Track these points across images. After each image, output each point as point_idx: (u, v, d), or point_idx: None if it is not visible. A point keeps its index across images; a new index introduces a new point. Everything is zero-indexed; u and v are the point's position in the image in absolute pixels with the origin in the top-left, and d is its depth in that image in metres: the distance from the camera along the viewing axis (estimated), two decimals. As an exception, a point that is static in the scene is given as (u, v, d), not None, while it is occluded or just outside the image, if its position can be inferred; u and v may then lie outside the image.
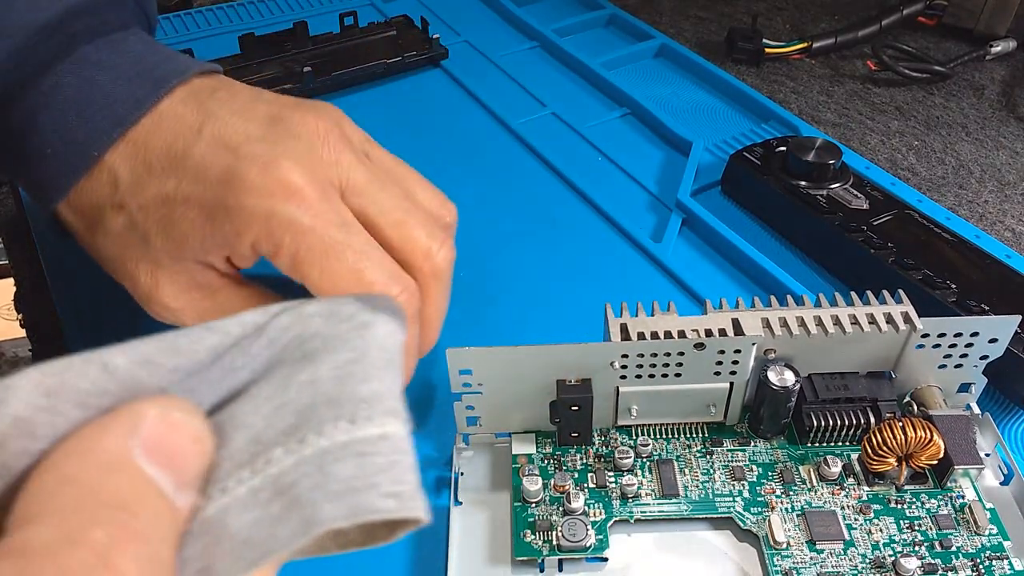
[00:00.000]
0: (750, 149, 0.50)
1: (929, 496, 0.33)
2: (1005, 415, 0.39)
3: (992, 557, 0.31)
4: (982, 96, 0.65)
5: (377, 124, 0.40)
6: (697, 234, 0.49)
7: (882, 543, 0.32)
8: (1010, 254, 0.45)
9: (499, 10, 0.72)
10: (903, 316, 0.33)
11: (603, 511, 0.33)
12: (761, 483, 0.34)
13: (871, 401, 0.35)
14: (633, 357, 0.33)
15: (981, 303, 0.39)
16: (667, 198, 0.52)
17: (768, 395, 0.34)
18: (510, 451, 0.35)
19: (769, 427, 0.35)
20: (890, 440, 0.32)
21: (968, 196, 0.54)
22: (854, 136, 0.60)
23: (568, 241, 0.49)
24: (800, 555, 0.32)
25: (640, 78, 0.64)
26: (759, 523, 0.33)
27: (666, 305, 0.34)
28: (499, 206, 0.51)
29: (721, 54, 0.69)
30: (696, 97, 0.62)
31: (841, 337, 0.33)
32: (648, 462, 0.35)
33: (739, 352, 0.33)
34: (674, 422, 0.36)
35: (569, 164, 0.54)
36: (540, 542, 0.32)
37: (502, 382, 0.33)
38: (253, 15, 0.69)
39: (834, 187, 0.47)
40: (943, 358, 0.34)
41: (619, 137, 0.57)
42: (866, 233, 0.44)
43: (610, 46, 0.67)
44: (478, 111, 0.59)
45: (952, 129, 0.61)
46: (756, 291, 0.45)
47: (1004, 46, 0.67)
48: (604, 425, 0.36)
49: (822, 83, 0.66)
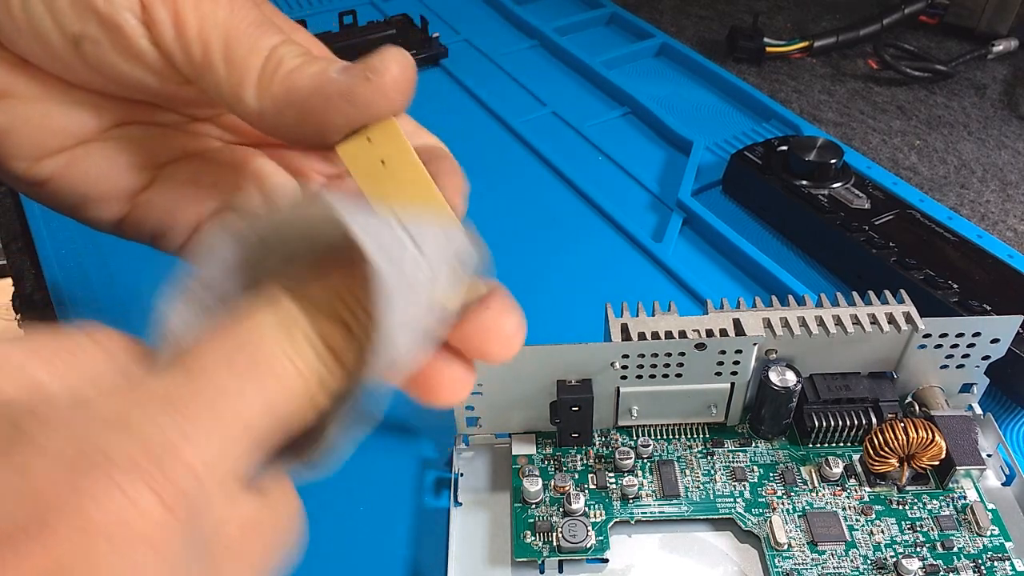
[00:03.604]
0: (751, 148, 0.50)
1: (931, 497, 0.33)
2: (1007, 415, 0.39)
3: (994, 558, 0.31)
4: (984, 95, 0.64)
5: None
6: (698, 234, 0.49)
7: (884, 544, 0.32)
8: (1012, 254, 0.45)
9: (499, 9, 0.71)
10: (905, 316, 0.33)
11: (603, 512, 0.33)
12: (762, 484, 0.34)
13: (872, 402, 0.35)
14: (634, 357, 0.33)
15: (983, 303, 0.39)
16: (668, 198, 0.51)
17: (769, 396, 0.34)
18: (510, 452, 0.35)
19: (770, 428, 0.35)
20: (892, 441, 0.32)
21: (970, 196, 0.54)
22: (855, 135, 0.60)
23: (568, 241, 0.49)
24: (801, 556, 0.31)
25: (641, 77, 0.64)
26: (760, 524, 0.32)
27: (667, 305, 0.34)
28: (499, 206, 0.51)
29: (722, 53, 0.68)
30: (697, 96, 0.62)
31: (843, 337, 0.33)
32: (649, 463, 0.35)
33: (740, 352, 0.33)
34: (675, 423, 0.36)
35: (569, 163, 0.54)
36: (540, 543, 0.32)
37: (502, 382, 0.33)
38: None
39: (835, 187, 0.47)
40: (945, 358, 0.34)
41: (620, 136, 0.57)
42: (867, 233, 0.44)
43: (611, 45, 0.67)
44: (478, 110, 0.59)
45: (954, 128, 0.61)
46: (757, 291, 0.45)
47: (1006, 45, 0.67)
48: (605, 426, 0.36)
49: (823, 82, 0.66)
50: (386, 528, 0.34)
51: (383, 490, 0.36)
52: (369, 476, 0.36)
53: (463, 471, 0.35)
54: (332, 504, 0.35)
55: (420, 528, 0.34)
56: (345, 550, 0.33)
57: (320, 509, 0.35)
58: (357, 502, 0.35)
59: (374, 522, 0.34)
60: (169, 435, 0.14)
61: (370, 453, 0.37)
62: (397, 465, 0.37)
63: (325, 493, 0.35)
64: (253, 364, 0.15)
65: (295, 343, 0.16)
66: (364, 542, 0.34)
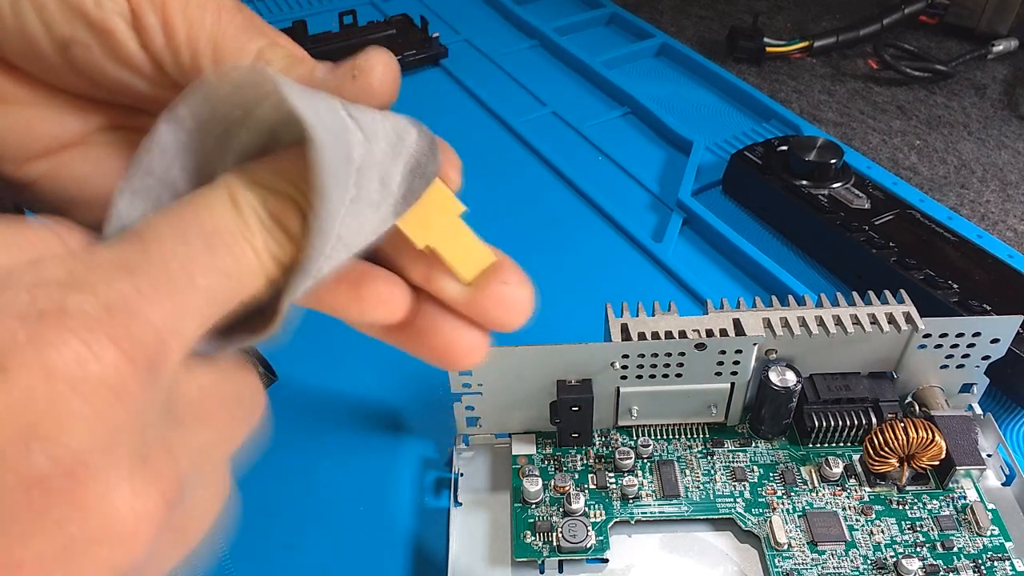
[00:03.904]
0: (751, 148, 0.50)
1: (931, 497, 0.33)
2: (1007, 415, 0.39)
3: (994, 558, 0.31)
4: (984, 95, 0.64)
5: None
6: (698, 234, 0.49)
7: (884, 544, 0.32)
8: (1012, 254, 0.45)
9: (499, 8, 0.71)
10: (905, 316, 0.33)
11: (603, 512, 0.33)
12: (762, 484, 0.34)
13: (872, 402, 0.35)
14: (634, 357, 0.33)
15: (983, 303, 0.39)
16: (668, 198, 0.51)
17: (769, 396, 0.34)
18: (510, 452, 0.35)
19: (770, 428, 0.35)
20: (892, 441, 0.32)
21: (970, 196, 0.54)
22: (855, 135, 0.60)
23: (568, 241, 0.49)
24: (801, 556, 0.31)
25: (641, 77, 0.64)
26: (760, 524, 0.32)
27: (667, 305, 0.34)
28: (499, 205, 0.51)
29: (722, 53, 0.68)
30: (697, 96, 0.62)
31: (843, 337, 0.33)
32: (649, 463, 0.35)
33: (740, 352, 0.33)
34: (675, 423, 0.36)
35: (569, 163, 0.54)
36: (540, 543, 0.32)
37: (502, 382, 0.33)
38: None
39: (835, 187, 0.47)
40: (945, 358, 0.34)
41: (619, 136, 0.57)
42: (867, 233, 0.44)
43: (611, 45, 0.67)
44: (478, 110, 0.59)
45: (954, 128, 0.61)
46: (757, 291, 0.45)
47: (1006, 45, 0.67)
48: (605, 426, 0.36)
49: (823, 82, 0.66)
50: (386, 528, 0.34)
51: (383, 490, 0.36)
52: (369, 476, 0.36)
53: (463, 471, 0.35)
54: (332, 504, 0.35)
55: (420, 528, 0.34)
56: (345, 550, 0.33)
57: (320, 509, 0.35)
58: (357, 502, 0.35)
59: (374, 522, 0.34)
60: (126, 294, 0.14)
61: (370, 453, 0.37)
62: (397, 465, 0.37)
63: (325, 493, 0.36)
64: (204, 235, 0.16)
65: (244, 216, 0.16)
66: (364, 542, 0.34)
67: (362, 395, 0.39)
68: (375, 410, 0.39)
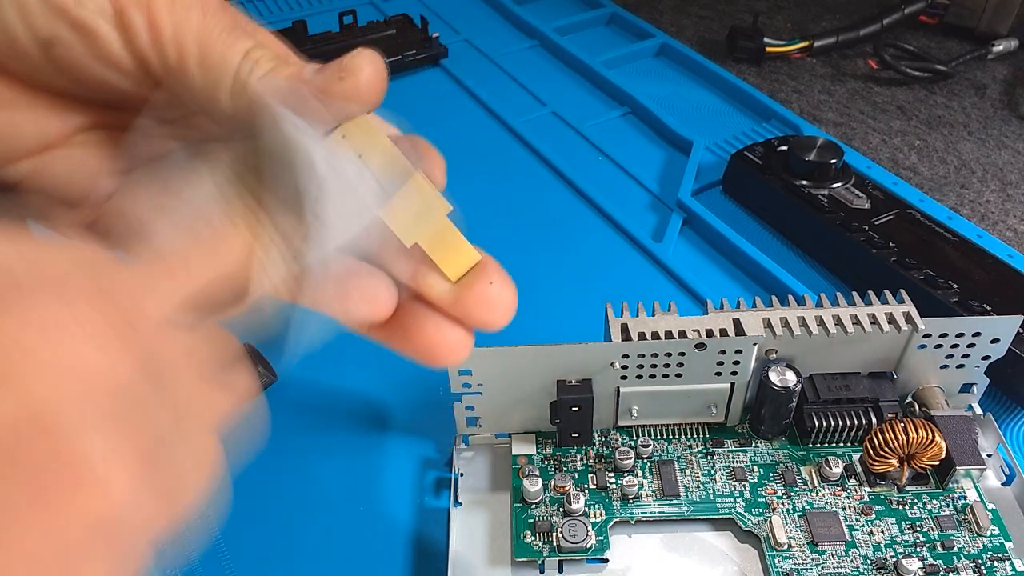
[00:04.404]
0: (751, 148, 0.50)
1: (931, 497, 0.33)
2: (1007, 415, 0.39)
3: (994, 558, 0.31)
4: (984, 95, 0.64)
5: (377, 123, 0.39)
6: (698, 234, 0.49)
7: (884, 544, 0.32)
8: (1012, 254, 0.45)
9: (499, 8, 0.71)
10: (905, 316, 0.33)
11: (603, 512, 0.33)
12: (762, 484, 0.34)
13: (872, 402, 0.35)
14: (634, 357, 0.33)
15: (983, 303, 0.39)
16: (668, 198, 0.51)
17: (769, 395, 0.34)
18: (510, 452, 0.35)
19: (770, 428, 0.35)
20: (892, 441, 0.32)
21: (970, 196, 0.54)
22: (855, 135, 0.60)
23: (568, 241, 0.49)
24: (801, 556, 0.31)
25: (641, 77, 0.64)
26: (760, 524, 0.32)
27: (667, 305, 0.34)
28: (499, 205, 0.51)
29: (722, 53, 0.68)
30: (697, 96, 0.62)
31: (842, 337, 0.33)
32: (649, 463, 0.35)
33: (740, 352, 0.33)
34: (675, 423, 0.36)
35: (569, 163, 0.54)
36: (540, 543, 0.32)
37: (502, 382, 0.33)
38: (252, 14, 0.69)
39: (835, 187, 0.47)
40: (945, 358, 0.34)
41: (619, 136, 0.57)
42: (867, 233, 0.44)
43: (610, 45, 0.67)
44: (478, 110, 0.59)
45: (954, 128, 0.61)
46: (757, 291, 0.45)
47: (1006, 45, 0.67)
48: (605, 426, 0.36)
49: (823, 82, 0.66)
50: (386, 528, 0.34)
51: (383, 490, 0.36)
52: (369, 476, 0.36)
53: (463, 471, 0.35)
54: (332, 504, 0.35)
55: (420, 528, 0.34)
56: (345, 550, 0.33)
57: (320, 508, 0.35)
58: (357, 502, 0.35)
59: (374, 522, 0.34)
60: (100, 255, 0.15)
61: (370, 453, 0.37)
62: (397, 465, 0.37)
63: (325, 493, 0.36)
64: (194, 218, 0.17)
65: (231, 207, 0.17)
66: (364, 542, 0.34)
67: (362, 395, 0.39)
68: (375, 410, 0.39)
